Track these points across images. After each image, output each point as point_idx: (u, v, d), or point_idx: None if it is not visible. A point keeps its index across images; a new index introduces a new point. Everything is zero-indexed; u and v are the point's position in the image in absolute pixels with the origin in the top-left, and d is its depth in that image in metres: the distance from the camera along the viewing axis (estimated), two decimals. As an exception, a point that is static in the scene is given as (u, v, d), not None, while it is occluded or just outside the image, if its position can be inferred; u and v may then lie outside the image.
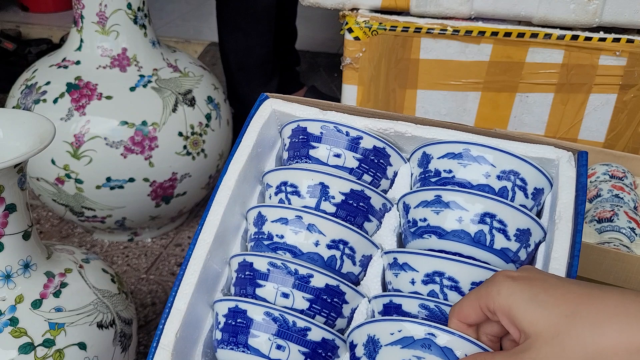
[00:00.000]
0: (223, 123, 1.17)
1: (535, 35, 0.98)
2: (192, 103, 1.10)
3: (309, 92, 1.77)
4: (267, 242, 0.56)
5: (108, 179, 1.05)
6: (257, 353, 0.51)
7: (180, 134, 1.08)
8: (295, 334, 0.50)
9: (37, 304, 0.65)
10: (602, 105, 1.03)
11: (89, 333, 0.68)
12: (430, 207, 0.52)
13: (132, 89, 1.05)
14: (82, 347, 0.67)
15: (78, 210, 1.11)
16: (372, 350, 0.46)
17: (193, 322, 0.54)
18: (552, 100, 1.04)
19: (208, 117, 1.12)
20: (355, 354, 0.49)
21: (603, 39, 0.97)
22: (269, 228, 0.56)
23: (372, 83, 1.05)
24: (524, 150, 0.54)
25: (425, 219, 0.53)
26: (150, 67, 1.08)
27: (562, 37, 0.98)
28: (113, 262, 1.19)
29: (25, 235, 0.65)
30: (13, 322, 0.63)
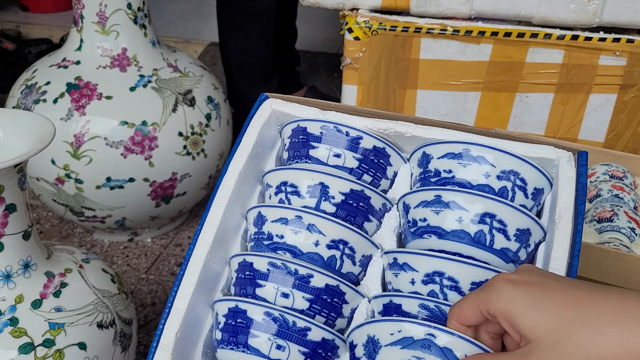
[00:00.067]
0: (223, 123, 1.17)
1: (535, 35, 0.98)
2: (192, 103, 1.10)
3: (309, 92, 1.77)
4: (267, 242, 0.56)
5: (108, 179, 1.05)
6: (257, 353, 0.51)
7: (180, 134, 1.08)
8: (295, 334, 0.50)
9: (37, 304, 0.65)
10: (602, 105, 1.03)
11: (89, 333, 0.68)
12: (430, 207, 0.52)
13: (132, 89, 1.05)
14: (82, 347, 0.67)
15: (78, 210, 1.11)
16: (371, 351, 0.46)
17: (193, 322, 0.54)
18: (552, 100, 1.04)
19: (208, 117, 1.12)
20: (355, 354, 0.49)
21: (603, 39, 0.97)
22: (269, 228, 0.56)
23: (372, 83, 1.05)
24: (524, 150, 0.54)
25: (425, 219, 0.53)
26: (150, 67, 1.08)
27: (562, 37, 0.98)
28: (113, 262, 1.19)
29: (25, 235, 0.65)
30: (13, 322, 0.63)
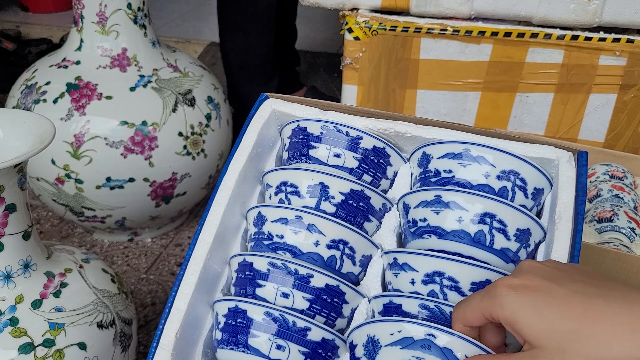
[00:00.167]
0: (223, 123, 1.17)
1: (535, 35, 0.98)
2: (192, 103, 1.10)
3: (309, 92, 1.77)
4: (267, 242, 0.56)
5: (108, 179, 1.05)
6: (257, 353, 0.51)
7: (180, 134, 1.08)
8: (295, 334, 0.50)
9: (37, 304, 0.65)
10: (602, 105, 1.03)
11: (89, 333, 0.68)
12: (430, 207, 0.52)
13: (132, 89, 1.05)
14: (82, 347, 0.67)
15: (78, 210, 1.11)
16: (371, 351, 0.46)
17: (193, 322, 0.54)
18: (552, 100, 1.04)
19: (208, 117, 1.12)
20: (355, 355, 0.49)
21: (603, 39, 0.97)
22: (269, 228, 0.56)
23: (372, 83, 1.05)
24: (524, 150, 0.54)
25: (425, 219, 0.53)
26: (150, 67, 1.08)
27: (562, 37, 0.98)
28: (113, 262, 1.19)
29: (25, 235, 0.65)
30: (13, 322, 0.63)
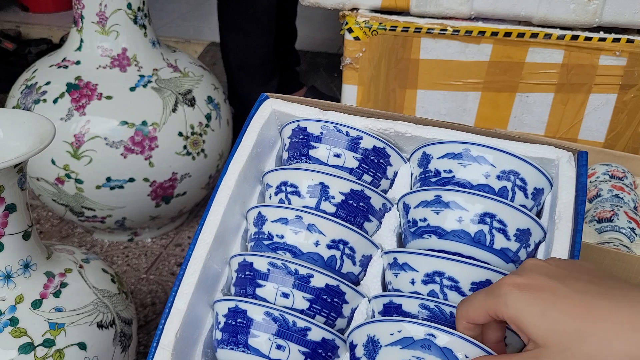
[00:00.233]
0: (223, 123, 1.17)
1: (535, 35, 0.98)
2: (192, 103, 1.10)
3: (309, 92, 1.77)
4: (267, 242, 0.56)
5: (108, 179, 1.05)
6: (257, 353, 0.51)
7: (180, 134, 1.08)
8: (296, 334, 0.50)
9: (37, 304, 0.65)
10: (602, 105, 1.03)
11: (89, 333, 0.68)
12: (430, 207, 0.52)
13: (132, 89, 1.05)
14: (82, 347, 0.67)
15: (78, 210, 1.11)
16: (371, 351, 0.46)
17: (193, 322, 0.54)
18: (552, 100, 1.04)
19: (208, 117, 1.12)
20: (355, 354, 0.49)
21: (603, 39, 0.97)
22: (269, 228, 0.56)
23: (372, 83, 1.05)
24: (524, 150, 0.54)
25: (425, 219, 0.53)
26: (150, 67, 1.08)
27: (562, 37, 0.98)
28: (113, 262, 1.19)
29: (25, 235, 0.65)
30: (13, 322, 0.63)
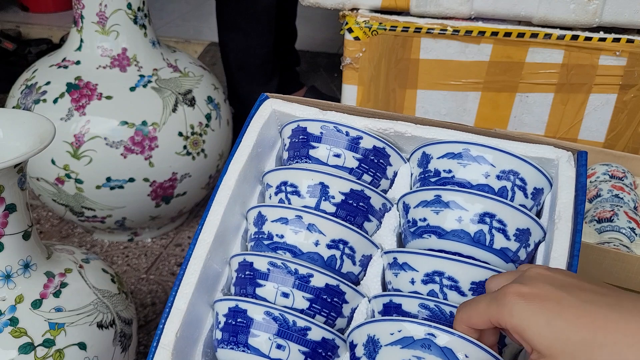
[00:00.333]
0: (223, 123, 1.17)
1: (535, 35, 0.98)
2: (192, 103, 1.10)
3: (309, 92, 1.77)
4: (267, 241, 0.56)
5: (108, 179, 1.05)
6: (257, 353, 0.51)
7: (180, 134, 1.08)
8: (296, 334, 0.50)
9: (37, 304, 0.65)
10: (602, 105, 1.03)
11: (89, 333, 0.68)
12: (430, 207, 0.52)
13: (132, 89, 1.05)
14: (82, 347, 0.67)
15: (78, 210, 1.11)
16: (372, 351, 0.46)
17: (193, 321, 0.54)
18: (552, 100, 1.04)
19: (208, 117, 1.12)
20: (355, 354, 0.49)
21: (603, 39, 0.97)
22: (269, 228, 0.56)
23: (372, 83, 1.05)
24: (524, 150, 0.54)
25: (425, 219, 0.53)
26: (150, 67, 1.08)
27: (562, 37, 0.98)
28: (113, 262, 1.19)
29: (25, 235, 0.65)
30: (13, 322, 0.63)
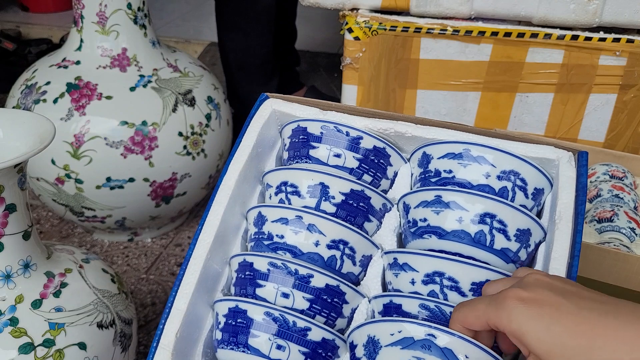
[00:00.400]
0: (223, 123, 1.17)
1: (535, 35, 0.98)
2: (192, 103, 1.10)
3: (309, 92, 1.77)
4: (267, 242, 0.56)
5: (108, 179, 1.05)
6: (257, 353, 0.51)
7: (180, 134, 1.08)
8: (296, 334, 0.50)
9: (37, 304, 0.65)
10: (602, 105, 1.03)
11: (89, 333, 0.68)
12: (430, 207, 0.52)
13: (132, 89, 1.05)
14: (82, 347, 0.67)
15: (78, 210, 1.11)
16: (372, 351, 0.46)
17: (193, 322, 0.54)
18: (552, 100, 1.04)
19: (208, 117, 1.12)
20: (355, 355, 0.49)
21: (603, 39, 0.97)
22: (269, 228, 0.55)
23: (372, 83, 1.05)
24: (524, 151, 0.54)
25: (425, 219, 0.53)
26: (150, 67, 1.08)
27: (562, 37, 0.98)
28: (113, 262, 1.19)
29: (25, 235, 0.65)
30: (13, 322, 0.63)
